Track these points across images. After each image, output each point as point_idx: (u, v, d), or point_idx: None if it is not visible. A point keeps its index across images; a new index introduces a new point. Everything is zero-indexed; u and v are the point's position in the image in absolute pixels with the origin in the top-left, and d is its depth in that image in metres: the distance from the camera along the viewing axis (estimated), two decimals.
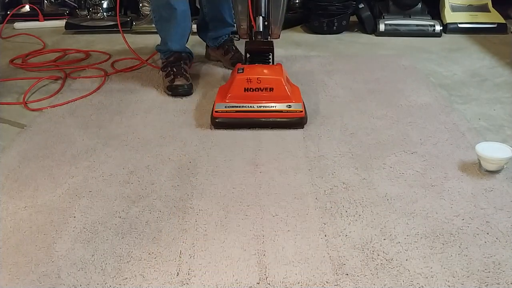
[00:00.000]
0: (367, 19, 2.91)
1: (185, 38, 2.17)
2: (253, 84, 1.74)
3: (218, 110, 1.74)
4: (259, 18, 1.91)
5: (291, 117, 1.73)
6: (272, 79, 1.76)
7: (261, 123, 1.73)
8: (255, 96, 1.75)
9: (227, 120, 1.73)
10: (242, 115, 1.73)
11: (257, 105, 1.74)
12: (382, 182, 1.43)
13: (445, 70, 2.31)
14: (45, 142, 1.68)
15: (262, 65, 1.86)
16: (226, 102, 1.75)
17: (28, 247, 1.19)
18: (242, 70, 1.78)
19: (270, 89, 1.74)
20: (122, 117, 1.86)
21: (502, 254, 1.15)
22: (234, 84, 1.76)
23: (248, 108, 1.74)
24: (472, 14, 2.94)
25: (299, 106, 1.75)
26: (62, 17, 3.15)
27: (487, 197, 1.36)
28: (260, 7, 1.91)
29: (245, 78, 1.75)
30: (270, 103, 1.74)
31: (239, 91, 1.75)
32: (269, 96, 1.75)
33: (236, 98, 1.75)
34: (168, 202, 1.36)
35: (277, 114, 1.73)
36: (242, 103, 1.74)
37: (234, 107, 1.74)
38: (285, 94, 1.75)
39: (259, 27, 1.90)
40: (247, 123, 1.74)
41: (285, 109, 1.73)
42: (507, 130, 1.74)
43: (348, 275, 1.09)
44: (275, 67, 1.85)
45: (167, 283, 1.09)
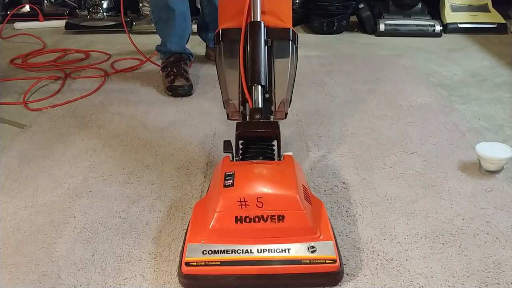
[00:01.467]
0: (367, 19, 2.91)
1: (184, 39, 2.17)
2: (251, 209, 1.05)
3: (190, 261, 1.04)
4: (257, 88, 1.28)
5: (317, 272, 1.04)
6: (282, 198, 1.07)
7: (266, 284, 1.05)
8: (253, 231, 1.06)
9: (206, 280, 1.04)
10: (232, 270, 1.03)
11: (258, 249, 1.05)
12: (382, 182, 1.43)
13: (445, 70, 2.31)
14: (45, 142, 1.68)
15: (263, 165, 1.18)
16: (203, 243, 1.06)
17: (28, 247, 1.19)
18: (231, 180, 1.10)
19: (280, 217, 1.06)
20: (122, 117, 1.86)
21: (502, 254, 1.15)
22: (219, 209, 1.06)
23: (243, 255, 1.04)
24: (472, 14, 2.94)
25: (330, 247, 1.06)
26: (62, 17, 3.15)
27: (487, 197, 1.36)
28: (258, 71, 1.28)
29: (236, 199, 1.06)
30: (280, 243, 1.06)
31: (227, 223, 1.06)
32: (279, 230, 1.06)
33: (222, 236, 1.06)
34: (168, 202, 1.36)
35: (293, 268, 1.04)
36: (231, 243, 1.05)
37: (217, 253, 1.04)
38: (306, 225, 1.07)
39: (257, 102, 1.27)
40: (242, 284, 1.04)
41: (306, 257, 1.04)
42: (507, 130, 1.74)
43: (348, 275, 1.09)
44: (285, 169, 1.17)
45: (167, 283, 1.08)
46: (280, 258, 1.04)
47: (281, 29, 1.35)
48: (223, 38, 1.35)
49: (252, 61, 1.29)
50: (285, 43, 1.36)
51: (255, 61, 1.29)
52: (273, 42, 1.35)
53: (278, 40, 1.35)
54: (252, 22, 1.31)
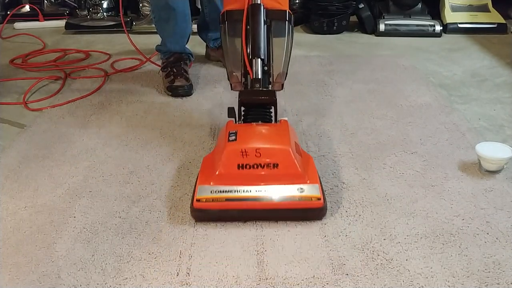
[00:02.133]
0: (367, 19, 2.91)
1: (184, 38, 2.17)
2: (250, 158, 1.27)
3: (200, 198, 1.26)
4: (257, 61, 1.45)
5: (305, 208, 1.26)
6: (277, 151, 1.29)
7: (262, 215, 1.27)
8: (253, 175, 1.27)
9: (213, 213, 1.27)
10: (235, 205, 1.26)
11: (256, 189, 1.26)
12: (382, 182, 1.43)
13: (445, 70, 2.31)
14: (45, 142, 1.68)
15: (261, 125, 1.40)
16: (211, 185, 1.27)
17: (28, 247, 1.19)
18: (234, 136, 1.32)
19: (274, 165, 1.27)
20: (122, 117, 1.86)
21: (502, 254, 1.15)
22: (224, 158, 1.28)
23: (243, 194, 1.26)
24: (472, 14, 2.94)
25: (316, 189, 1.27)
26: (62, 17, 3.15)
27: (487, 197, 1.36)
28: (258, 46, 1.45)
29: (238, 150, 1.27)
30: (275, 185, 1.27)
31: (231, 169, 1.28)
32: (273, 175, 1.28)
33: (227, 179, 1.27)
34: (168, 202, 1.36)
35: (285, 204, 1.26)
36: (234, 184, 1.27)
37: (223, 192, 1.26)
38: (296, 171, 1.28)
39: (256, 73, 1.45)
40: (242, 216, 1.28)
41: (296, 195, 1.26)
42: (507, 130, 1.74)
43: (348, 275, 1.09)
44: (280, 129, 1.39)
45: (167, 283, 1.09)
46: (273, 196, 1.26)
47: (278, 11, 1.51)
48: (228, 19, 1.52)
49: (252, 38, 1.45)
50: (282, 23, 1.53)
51: (256, 37, 1.45)
52: (271, 23, 1.50)
53: (276, 20, 1.52)
54: (253, 4, 1.47)
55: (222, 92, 2.05)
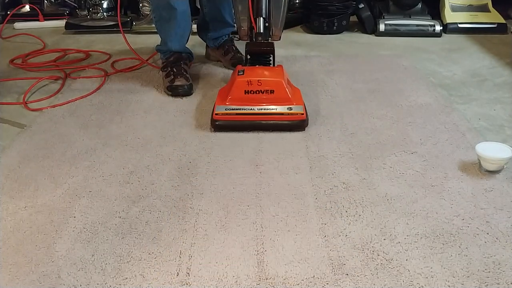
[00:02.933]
0: (367, 19, 2.91)
1: (185, 38, 2.17)
2: (254, 86, 1.72)
3: (218, 113, 1.72)
4: (260, 19, 1.89)
5: (292, 120, 1.71)
6: (272, 81, 1.73)
7: (262, 126, 1.72)
8: (255, 98, 1.73)
9: (227, 123, 1.72)
10: (242, 117, 1.71)
11: (258, 108, 1.72)
12: (382, 182, 1.43)
13: (445, 70, 2.31)
14: (45, 142, 1.68)
15: (262, 67, 1.84)
16: (226, 105, 1.73)
17: (28, 247, 1.19)
18: (242, 72, 1.76)
19: (271, 91, 1.73)
20: (122, 117, 1.86)
21: (502, 254, 1.15)
22: (235, 86, 1.74)
23: (249, 110, 1.72)
24: (472, 14, 2.94)
25: (300, 108, 1.73)
26: (62, 17, 3.15)
27: (487, 197, 1.36)
28: (260, 8, 1.89)
29: (245, 81, 1.73)
30: (271, 105, 1.73)
31: (240, 94, 1.73)
32: (270, 98, 1.73)
33: (237, 101, 1.73)
34: (168, 202, 1.36)
35: (278, 117, 1.71)
36: (242, 105, 1.73)
37: (234, 109, 1.72)
38: (286, 96, 1.73)
39: (259, 28, 1.88)
40: (248, 125, 1.72)
41: (286, 112, 1.71)
42: (507, 130, 1.74)
43: (348, 275, 1.09)
44: (276, 69, 1.83)
45: (167, 283, 1.09)
46: (270, 112, 1.72)
47: None
48: None
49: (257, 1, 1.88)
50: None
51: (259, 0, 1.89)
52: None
53: None
54: None
55: None
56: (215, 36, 2.33)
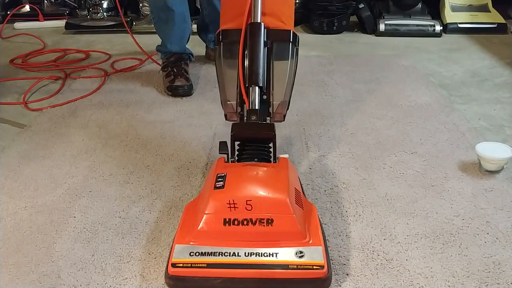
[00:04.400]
0: (367, 19, 2.91)
1: (184, 39, 2.17)
2: (240, 211, 1.04)
3: (177, 262, 1.02)
4: (254, 89, 1.27)
5: (304, 278, 1.01)
6: (272, 202, 1.05)
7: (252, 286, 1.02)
8: (242, 234, 1.04)
9: (191, 281, 1.02)
10: (217, 272, 1.01)
11: (246, 252, 1.03)
12: (382, 182, 1.43)
13: (445, 70, 2.31)
14: (45, 142, 1.68)
15: (256, 167, 1.17)
16: (191, 245, 1.04)
17: (28, 247, 1.19)
18: (222, 182, 1.09)
19: (269, 221, 1.04)
20: (122, 117, 1.86)
21: (502, 254, 1.15)
22: (208, 210, 1.05)
23: (230, 258, 1.02)
24: (472, 14, 2.94)
25: (318, 253, 1.03)
26: (62, 17, 3.15)
27: (487, 197, 1.36)
28: (256, 72, 1.27)
29: (225, 201, 1.04)
30: (268, 247, 1.03)
31: (215, 225, 1.04)
32: (267, 233, 1.04)
33: (210, 238, 1.04)
34: (168, 202, 1.36)
35: (280, 273, 1.01)
36: (218, 245, 1.03)
37: (204, 255, 1.02)
38: (294, 229, 1.05)
39: (253, 103, 1.26)
40: (226, 286, 1.02)
41: (294, 262, 1.01)
42: (507, 130, 1.74)
43: (348, 275, 1.09)
44: (278, 172, 1.16)
45: None
46: (267, 262, 1.01)
47: (281, 31, 1.34)
48: (223, 39, 1.34)
49: (250, 62, 1.28)
50: (285, 45, 1.34)
51: (254, 62, 1.27)
52: (273, 44, 1.32)
53: (278, 41, 1.33)
54: (252, 23, 1.30)
55: None
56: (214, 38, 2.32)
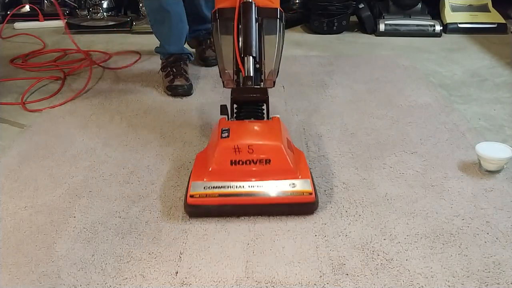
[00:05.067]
0: (367, 19, 2.91)
1: (182, 39, 2.16)
2: (243, 154, 1.28)
3: (194, 194, 1.27)
4: (249, 59, 1.45)
5: (296, 202, 1.27)
6: (269, 147, 1.30)
7: (255, 210, 1.28)
8: (245, 171, 1.29)
9: (206, 208, 1.27)
10: (227, 200, 1.26)
11: (249, 185, 1.28)
12: (382, 182, 1.43)
13: (445, 70, 2.31)
14: (45, 142, 1.68)
15: (253, 122, 1.42)
16: (205, 181, 1.29)
17: (28, 247, 1.19)
18: (227, 133, 1.33)
19: (267, 161, 1.28)
20: (122, 117, 1.86)
21: (502, 254, 1.15)
22: (217, 154, 1.29)
23: (236, 189, 1.27)
24: (472, 14, 2.94)
25: (307, 184, 1.29)
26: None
27: (487, 197, 1.36)
28: (250, 44, 1.45)
29: (231, 147, 1.28)
30: (267, 180, 1.28)
31: (224, 165, 1.29)
32: (266, 171, 1.29)
33: (220, 175, 1.28)
34: (168, 202, 1.36)
35: (277, 199, 1.27)
36: (227, 180, 1.28)
37: (216, 188, 1.27)
38: (287, 167, 1.30)
39: (248, 71, 1.44)
40: (235, 211, 1.28)
41: (288, 190, 1.27)
42: (507, 130, 1.74)
43: (348, 275, 1.09)
44: (272, 126, 1.40)
45: (167, 283, 1.09)
46: (265, 191, 1.27)
47: (270, 9, 1.52)
48: (219, 17, 1.52)
49: (244, 36, 1.45)
50: (273, 21, 1.52)
51: (247, 35, 1.45)
52: (263, 20, 1.51)
53: (267, 18, 1.52)
54: (244, 2, 1.47)
55: (222, 92, 2.04)
56: (192, 29, 2.27)
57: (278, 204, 1.27)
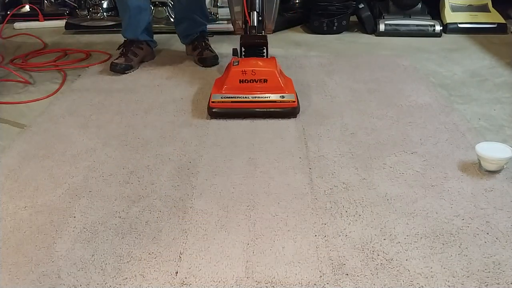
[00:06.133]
0: (367, 19, 2.91)
1: (139, 29, 2.35)
2: (248, 75, 1.82)
3: (214, 101, 1.82)
4: (254, 13, 1.97)
5: (285, 107, 1.80)
6: (266, 71, 1.84)
7: (256, 113, 1.81)
8: (250, 87, 1.83)
9: (223, 110, 1.81)
10: (237, 105, 1.81)
11: (252, 96, 1.82)
12: (382, 182, 1.43)
13: (445, 70, 2.31)
14: (45, 142, 1.68)
15: (256, 58, 1.94)
16: (222, 93, 1.83)
17: (28, 247, 1.19)
18: (237, 63, 1.87)
19: (264, 80, 1.82)
20: (122, 117, 1.86)
21: (502, 254, 1.15)
22: (230, 76, 1.83)
23: (243, 98, 1.82)
24: (472, 14, 2.94)
25: (292, 96, 1.82)
26: (62, 17, 3.15)
27: (487, 197, 1.36)
28: (254, 2, 1.98)
29: (240, 70, 1.83)
30: (264, 93, 1.82)
31: (235, 83, 1.83)
32: (263, 87, 1.83)
33: (232, 89, 1.83)
34: (168, 202, 1.36)
35: (271, 104, 1.81)
36: (237, 93, 1.82)
37: (230, 97, 1.82)
38: (279, 85, 1.83)
39: (253, 22, 1.97)
40: (242, 113, 1.81)
41: (278, 99, 1.81)
42: (507, 130, 1.74)
43: (348, 275, 1.09)
44: (269, 60, 1.92)
45: (167, 283, 1.09)
46: (263, 100, 1.82)
47: None
48: None
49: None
50: None
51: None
52: None
53: None
54: None
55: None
56: (185, 34, 2.47)
57: (272, 108, 1.81)
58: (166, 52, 2.60)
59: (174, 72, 2.29)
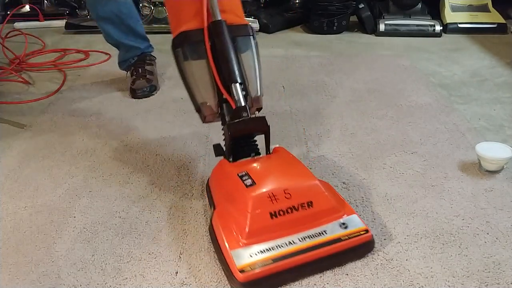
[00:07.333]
0: (367, 19, 2.91)
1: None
2: (281, 202, 1.07)
3: (243, 268, 1.01)
4: (236, 86, 1.23)
5: (356, 244, 1.10)
6: (307, 187, 1.13)
7: (319, 267, 1.08)
8: (289, 222, 1.07)
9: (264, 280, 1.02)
10: (285, 264, 1.03)
11: (299, 237, 1.07)
12: (382, 182, 1.43)
13: (445, 70, 2.31)
14: (45, 142, 1.68)
15: (267, 160, 1.22)
16: (247, 246, 1.05)
17: (28, 247, 1.19)
18: (250, 180, 1.11)
19: (309, 204, 1.10)
20: (122, 117, 1.86)
21: (502, 254, 1.15)
22: (252, 209, 1.06)
23: (289, 247, 1.05)
24: (472, 14, 2.94)
25: (357, 220, 1.13)
26: (62, 17, 3.15)
27: (487, 197, 1.36)
28: (232, 70, 1.24)
29: (266, 196, 1.07)
30: (315, 227, 1.09)
31: (263, 220, 1.06)
32: (309, 215, 1.10)
33: (260, 234, 1.06)
34: (168, 202, 1.36)
35: (337, 246, 1.08)
36: (272, 240, 1.05)
37: (266, 251, 1.04)
38: (330, 205, 1.13)
39: (239, 101, 1.22)
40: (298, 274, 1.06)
41: (343, 234, 1.09)
42: (507, 130, 1.74)
43: (348, 275, 1.09)
44: (290, 161, 1.24)
45: (167, 283, 1.09)
46: (322, 241, 1.07)
47: (242, 26, 1.33)
48: (186, 40, 1.28)
49: (225, 61, 1.24)
50: (247, 39, 1.33)
51: (228, 60, 1.24)
52: (235, 39, 1.29)
53: (241, 36, 1.32)
54: (214, 21, 1.27)
55: None
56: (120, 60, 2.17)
57: (340, 252, 1.08)
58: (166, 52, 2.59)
59: (174, 72, 2.29)
